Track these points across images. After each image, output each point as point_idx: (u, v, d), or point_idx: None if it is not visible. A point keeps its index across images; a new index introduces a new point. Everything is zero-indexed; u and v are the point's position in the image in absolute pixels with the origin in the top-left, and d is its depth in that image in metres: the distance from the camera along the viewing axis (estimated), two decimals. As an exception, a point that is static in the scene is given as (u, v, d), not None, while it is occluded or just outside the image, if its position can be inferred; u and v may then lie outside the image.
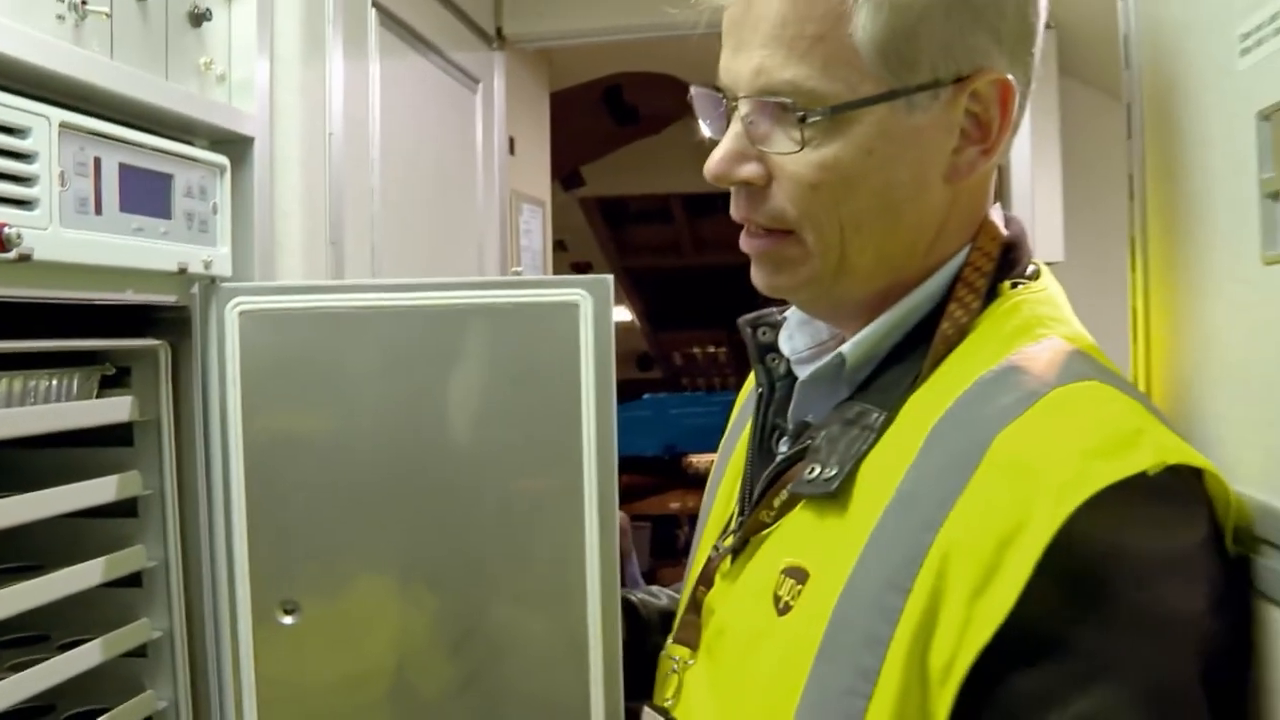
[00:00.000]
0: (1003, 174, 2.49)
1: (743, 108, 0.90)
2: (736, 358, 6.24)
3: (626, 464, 1.07)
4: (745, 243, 0.95)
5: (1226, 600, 0.79)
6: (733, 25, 0.91)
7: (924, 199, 0.91)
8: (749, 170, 0.91)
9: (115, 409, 1.20)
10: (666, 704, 1.00)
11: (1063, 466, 0.76)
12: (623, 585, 1.25)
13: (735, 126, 0.91)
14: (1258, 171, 0.81)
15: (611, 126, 3.95)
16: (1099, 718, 0.72)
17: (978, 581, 0.75)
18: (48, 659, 1.10)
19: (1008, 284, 0.93)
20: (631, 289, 6.19)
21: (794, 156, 0.89)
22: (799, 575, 0.88)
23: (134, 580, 1.25)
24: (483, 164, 2.34)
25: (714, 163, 0.92)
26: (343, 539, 1.24)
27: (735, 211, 0.94)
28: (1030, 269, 0.97)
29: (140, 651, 1.25)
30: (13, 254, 0.90)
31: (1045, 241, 2.53)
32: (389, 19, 1.81)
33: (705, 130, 0.96)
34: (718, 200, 0.96)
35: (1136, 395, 0.86)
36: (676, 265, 5.86)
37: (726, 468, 1.13)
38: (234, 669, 1.24)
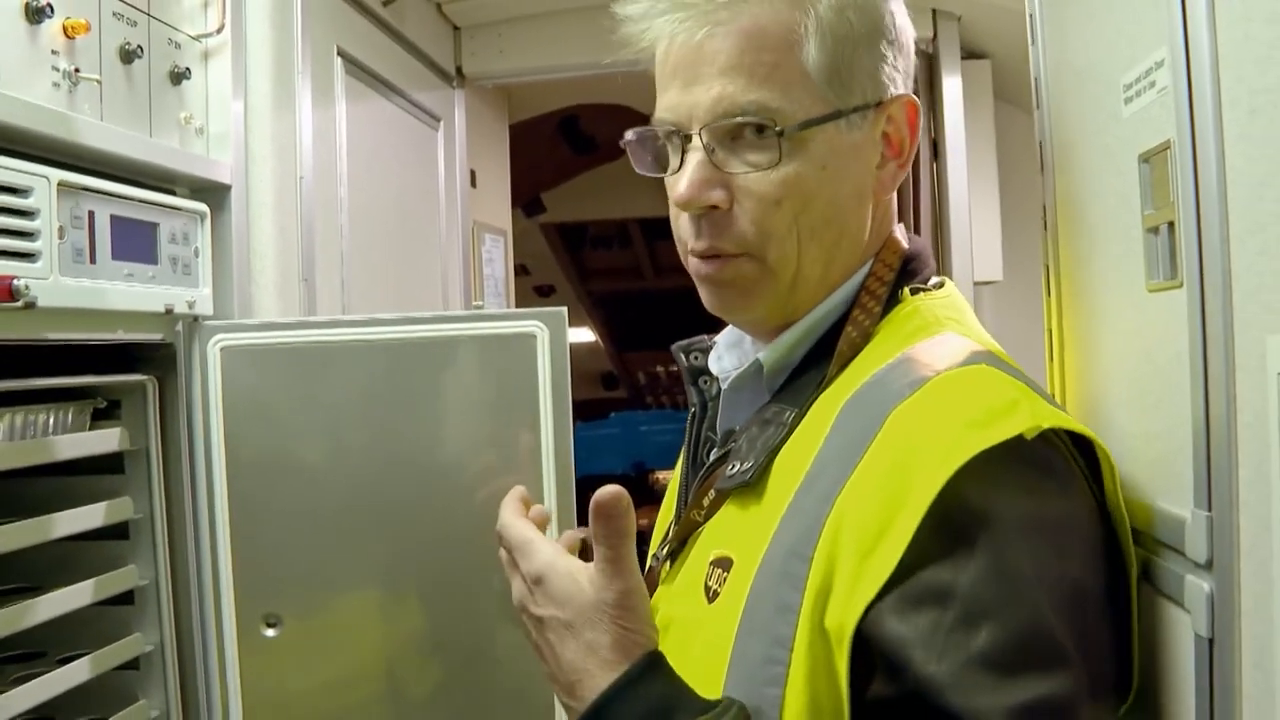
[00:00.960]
0: (940, 196, 2.58)
1: (704, 136, 0.94)
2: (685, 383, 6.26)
3: (594, 482, 1.13)
4: (706, 267, 0.98)
5: (1101, 559, 0.85)
6: (680, 65, 0.95)
7: (860, 211, 0.99)
8: (717, 195, 0.95)
9: (106, 440, 1.28)
10: None
11: (943, 436, 0.80)
12: None
13: (696, 155, 0.95)
14: (1140, 208, 0.90)
15: (569, 155, 4.01)
16: (979, 658, 0.75)
17: (867, 544, 0.79)
18: (46, 673, 1.16)
19: (907, 290, 0.99)
20: (594, 310, 6.20)
21: (756, 176, 0.94)
22: (725, 564, 0.92)
23: (126, 598, 1.32)
24: (445, 197, 2.42)
25: (686, 188, 0.95)
26: (320, 556, 1.32)
27: (698, 243, 0.97)
28: (934, 280, 1.03)
29: (133, 664, 1.32)
30: (19, 303, 1.00)
31: (983, 262, 2.59)
32: (354, 65, 1.89)
33: (641, 169, 1.01)
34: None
35: (1025, 379, 0.90)
36: (637, 288, 5.87)
37: (669, 486, 1.20)
38: (220, 679, 1.32)
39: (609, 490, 0.93)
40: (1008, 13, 1.29)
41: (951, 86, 2.55)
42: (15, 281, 0.99)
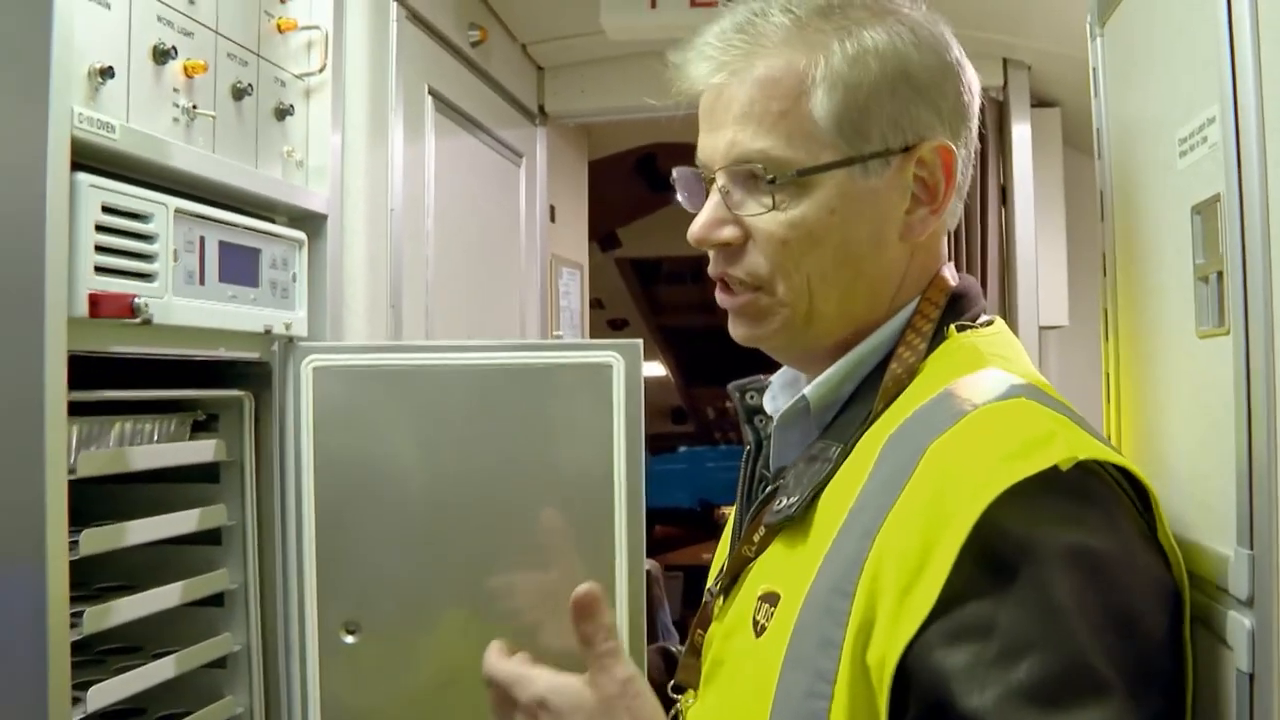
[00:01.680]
0: (1008, 241, 2.60)
1: (720, 179, 0.99)
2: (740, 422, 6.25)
3: (660, 516, 1.13)
4: (722, 299, 1.03)
5: (1152, 590, 0.83)
6: (707, 111, 1.00)
7: (882, 254, 0.99)
8: (728, 233, 0.99)
9: (205, 450, 1.36)
10: None
11: (980, 469, 0.80)
12: (654, 633, 1.33)
13: (714, 197, 1.00)
14: (1192, 257, 0.93)
15: (645, 192, 4.07)
16: (1020, 690, 0.75)
17: (907, 580, 0.79)
18: (142, 665, 1.23)
19: (953, 327, 0.99)
20: (665, 345, 6.26)
21: (767, 217, 0.97)
22: (773, 599, 0.93)
23: (217, 600, 1.39)
24: (525, 231, 2.50)
25: (696, 228, 1.01)
26: (399, 569, 1.36)
27: (713, 269, 1.02)
28: (984, 319, 1.03)
29: (221, 663, 1.39)
30: (139, 320, 1.08)
31: (1049, 307, 2.60)
32: (443, 103, 1.98)
33: (684, 204, 1.06)
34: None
35: (1067, 412, 0.89)
36: (707, 324, 5.87)
37: (727, 524, 1.22)
38: (301, 680, 1.36)
39: (582, 589, 0.97)
40: (1077, 63, 1.32)
41: (1021, 133, 2.57)
42: (136, 300, 1.07)
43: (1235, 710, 0.82)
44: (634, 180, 4.00)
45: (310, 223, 1.49)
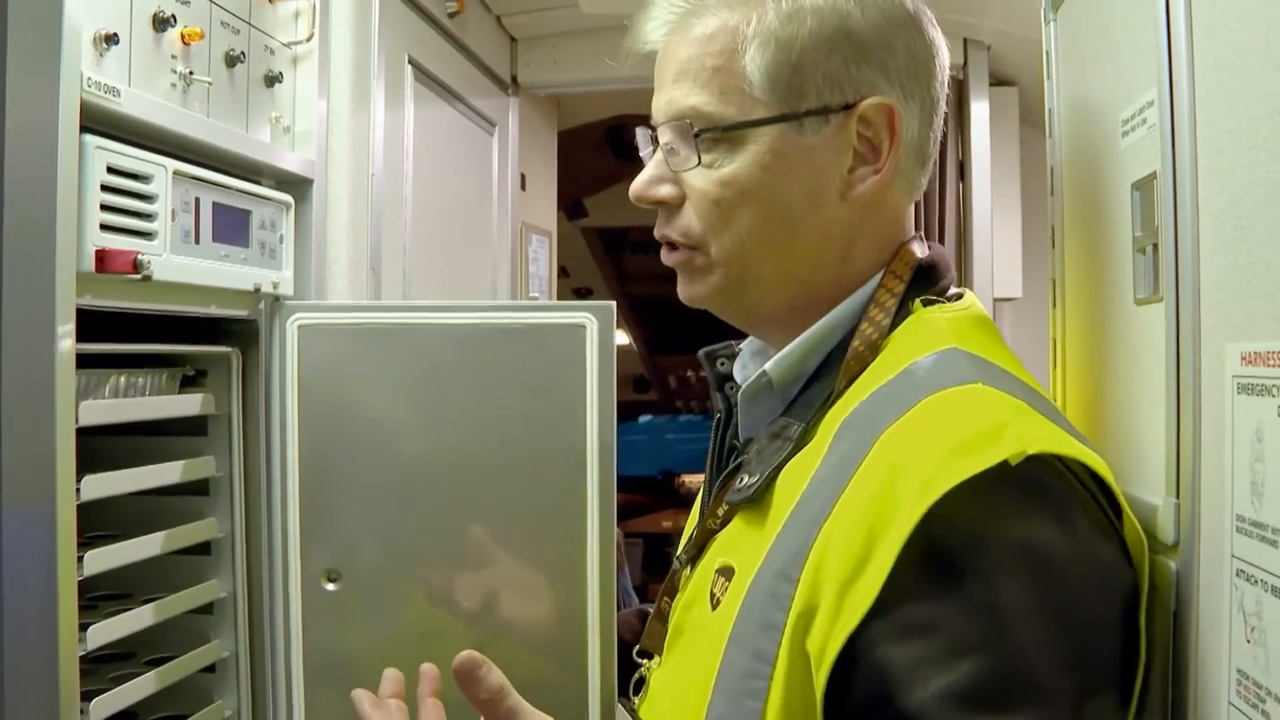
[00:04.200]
0: (965, 215, 2.67)
1: (661, 136, 1.00)
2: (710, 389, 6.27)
3: (621, 483, 1.17)
4: (664, 257, 1.04)
5: (1105, 585, 0.81)
6: (657, 69, 1.01)
7: (820, 213, 0.98)
8: (665, 190, 1.00)
9: (194, 404, 1.40)
10: (634, 702, 1.07)
11: (925, 465, 0.78)
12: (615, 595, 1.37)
13: (657, 154, 1.01)
14: (1131, 230, 0.98)
15: (613, 162, 4.11)
16: (956, 692, 0.74)
17: (849, 573, 0.78)
18: (130, 611, 1.26)
19: (918, 302, 0.98)
20: (629, 315, 6.28)
21: (699, 173, 0.97)
22: (728, 573, 0.93)
23: (204, 549, 1.43)
24: (497, 198, 2.55)
25: (636, 184, 1.02)
26: (379, 519, 1.42)
27: (657, 230, 1.03)
28: (953, 291, 1.02)
29: (208, 609, 1.43)
30: (140, 276, 1.13)
31: (1004, 279, 2.67)
32: (421, 73, 2.02)
33: (645, 161, 1.06)
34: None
35: (1029, 396, 0.87)
36: (671, 293, 5.94)
37: (699, 492, 1.22)
38: (285, 626, 1.40)
39: (462, 657, 0.95)
40: (1035, 44, 1.37)
41: (979, 111, 2.65)
42: (139, 256, 1.12)
43: (1171, 652, 0.85)
44: (602, 150, 4.03)
45: (296, 186, 1.53)
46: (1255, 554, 0.72)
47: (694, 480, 5.51)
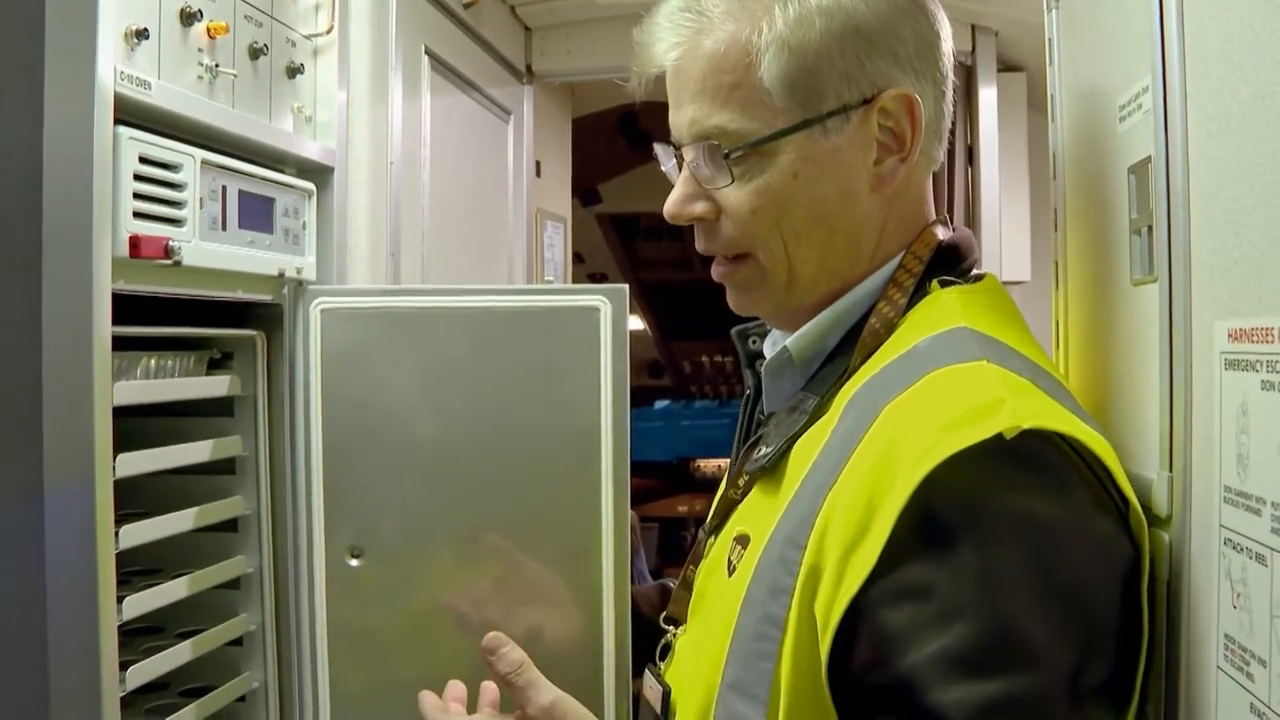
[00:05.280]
0: (973, 199, 2.69)
1: (687, 155, 1.00)
2: (741, 366, 6.27)
3: (637, 468, 1.17)
4: (714, 272, 1.05)
5: (1103, 557, 0.82)
6: (671, 88, 1.01)
7: (854, 208, 0.99)
8: (700, 208, 1.01)
9: (221, 385, 1.44)
10: (659, 667, 1.08)
11: (923, 436, 0.80)
12: (630, 576, 1.40)
13: (684, 173, 1.02)
14: (1128, 213, 1.00)
15: (626, 149, 4.14)
16: (950, 655, 0.76)
17: (851, 539, 0.81)
18: (161, 584, 1.30)
19: (936, 282, 0.99)
20: (643, 300, 6.32)
21: (732, 189, 0.98)
22: (744, 541, 0.96)
23: (231, 526, 1.47)
24: (513, 185, 2.59)
25: (670, 204, 1.03)
26: (400, 497, 1.46)
27: (698, 245, 1.04)
28: (975, 274, 1.03)
29: (235, 584, 1.47)
30: (170, 261, 1.17)
31: (1012, 263, 2.69)
32: (438, 63, 2.06)
33: (668, 175, 1.07)
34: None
35: (1035, 375, 0.88)
36: (686, 279, 5.92)
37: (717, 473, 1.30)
38: (309, 601, 1.45)
39: (488, 636, 1.05)
40: (1041, 31, 1.40)
41: (987, 96, 2.67)
42: (170, 242, 1.17)
43: (1166, 622, 0.87)
44: (615, 137, 4.06)
45: (318, 174, 1.57)
46: (1241, 523, 0.75)
47: (709, 464, 5.56)
